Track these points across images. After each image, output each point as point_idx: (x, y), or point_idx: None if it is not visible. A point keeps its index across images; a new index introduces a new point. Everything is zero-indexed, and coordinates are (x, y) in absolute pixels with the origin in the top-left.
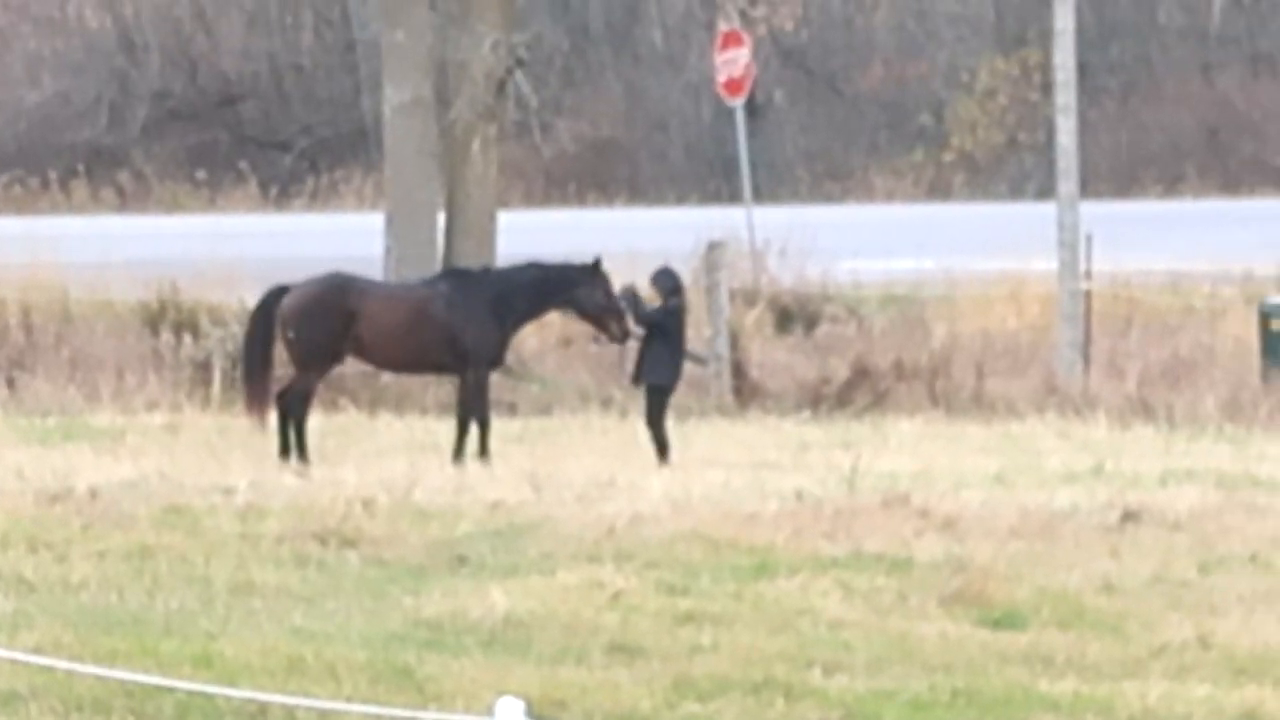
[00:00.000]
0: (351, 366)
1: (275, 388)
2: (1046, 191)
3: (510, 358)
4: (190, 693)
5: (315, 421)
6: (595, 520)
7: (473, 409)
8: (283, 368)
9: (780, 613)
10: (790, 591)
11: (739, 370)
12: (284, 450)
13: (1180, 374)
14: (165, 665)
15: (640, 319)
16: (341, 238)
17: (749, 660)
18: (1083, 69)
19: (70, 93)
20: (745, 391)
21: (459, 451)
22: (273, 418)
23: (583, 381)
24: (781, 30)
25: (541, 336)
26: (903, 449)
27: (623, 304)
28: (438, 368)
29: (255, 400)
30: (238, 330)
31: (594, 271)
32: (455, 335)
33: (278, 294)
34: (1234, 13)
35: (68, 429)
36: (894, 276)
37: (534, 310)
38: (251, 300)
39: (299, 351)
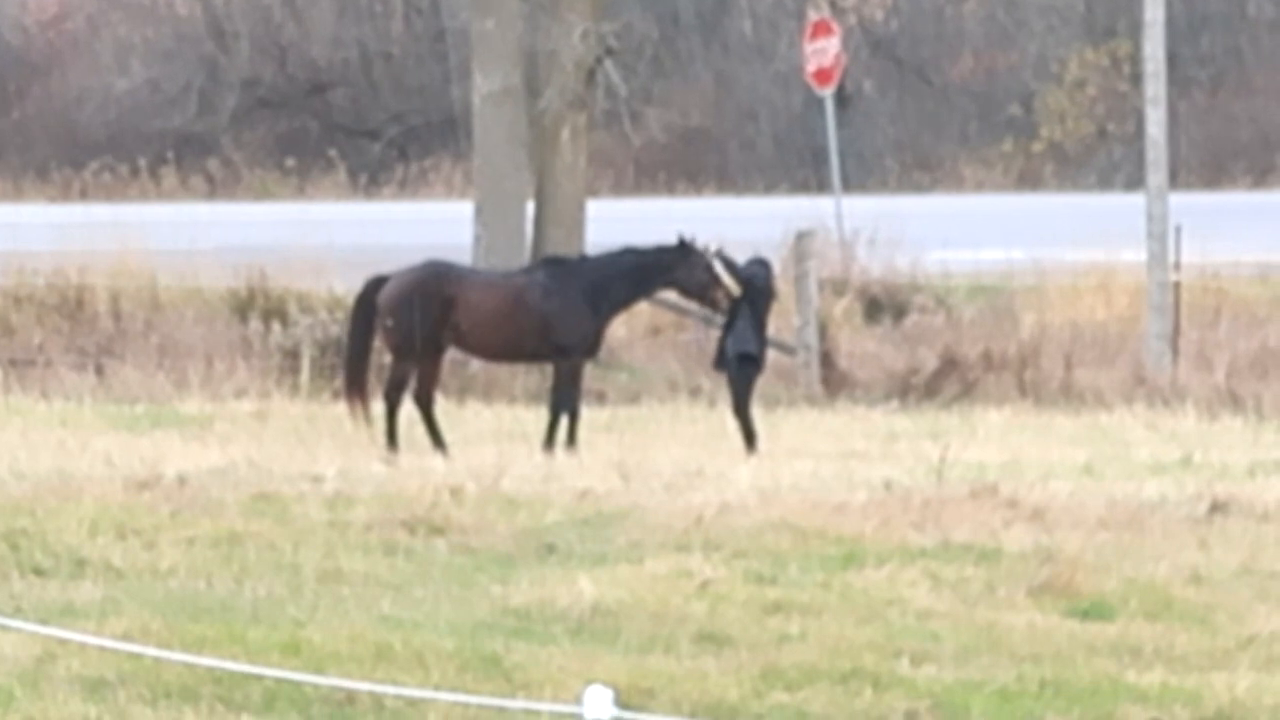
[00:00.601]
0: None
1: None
2: (1135, 183)
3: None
4: (278, 680)
5: (404, 410)
6: (683, 509)
7: (565, 398)
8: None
9: (868, 603)
10: (878, 581)
11: (827, 360)
12: (391, 440)
13: (1269, 365)
14: (253, 653)
15: (738, 277)
16: (430, 226)
17: (837, 650)
18: (1172, 60)
19: (160, 80)
20: (834, 381)
21: (550, 440)
22: (377, 408)
23: (671, 371)
24: (871, 20)
25: (630, 325)
26: (991, 439)
27: (718, 265)
28: (533, 357)
29: (356, 391)
30: (326, 318)
31: (687, 249)
32: (551, 324)
33: (377, 284)
34: None
35: (156, 416)
36: (983, 267)
37: (633, 296)
38: (340, 288)
39: (397, 340)
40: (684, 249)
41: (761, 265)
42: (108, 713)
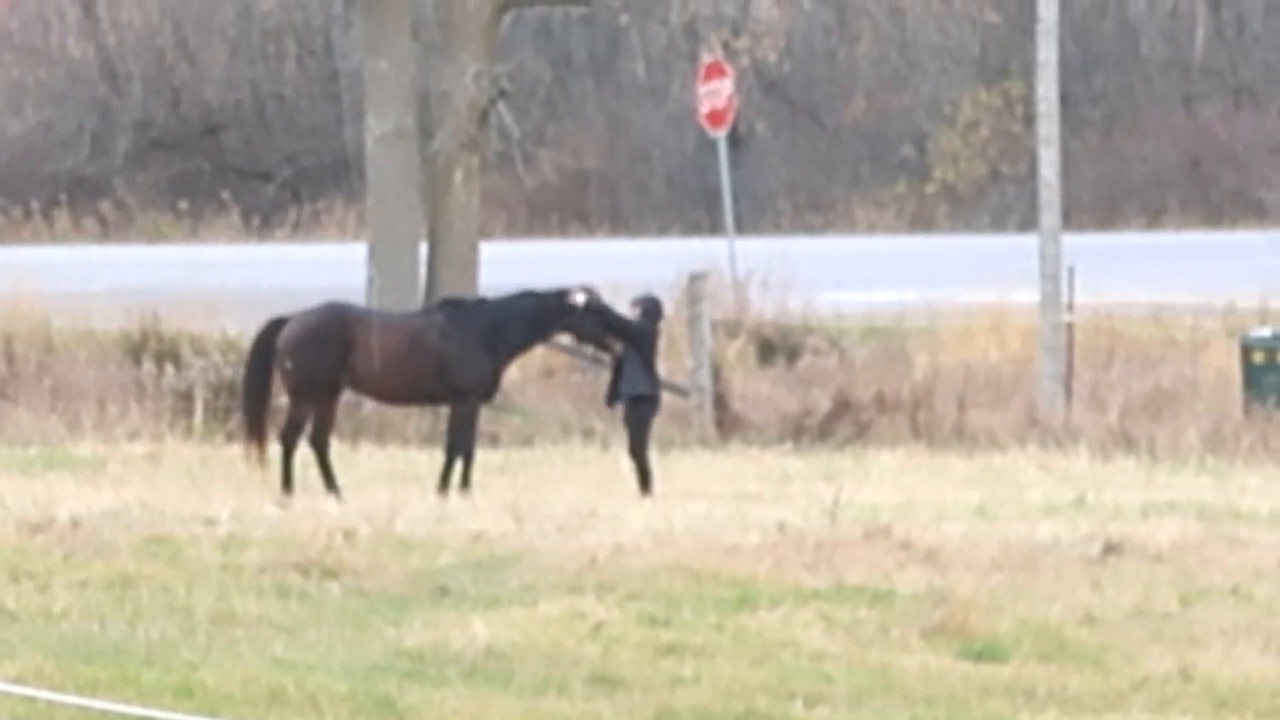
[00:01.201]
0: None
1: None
2: (1029, 223)
3: None
4: None
5: (298, 452)
6: (577, 551)
7: (460, 440)
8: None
9: (762, 644)
10: (772, 623)
11: (721, 402)
12: (287, 483)
13: (1162, 406)
14: (147, 695)
15: (619, 329)
16: (324, 268)
17: (731, 692)
18: (1065, 100)
19: (53, 122)
20: (727, 423)
21: (444, 482)
22: (273, 450)
23: (564, 412)
24: (764, 62)
25: (524, 368)
26: (884, 481)
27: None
28: (430, 398)
29: (254, 433)
30: (220, 360)
31: (590, 307)
32: (449, 366)
33: (276, 325)
34: (1216, 45)
35: (49, 458)
36: (876, 308)
37: (530, 339)
38: (233, 330)
39: (295, 382)
40: (586, 307)
41: (651, 302)
42: None
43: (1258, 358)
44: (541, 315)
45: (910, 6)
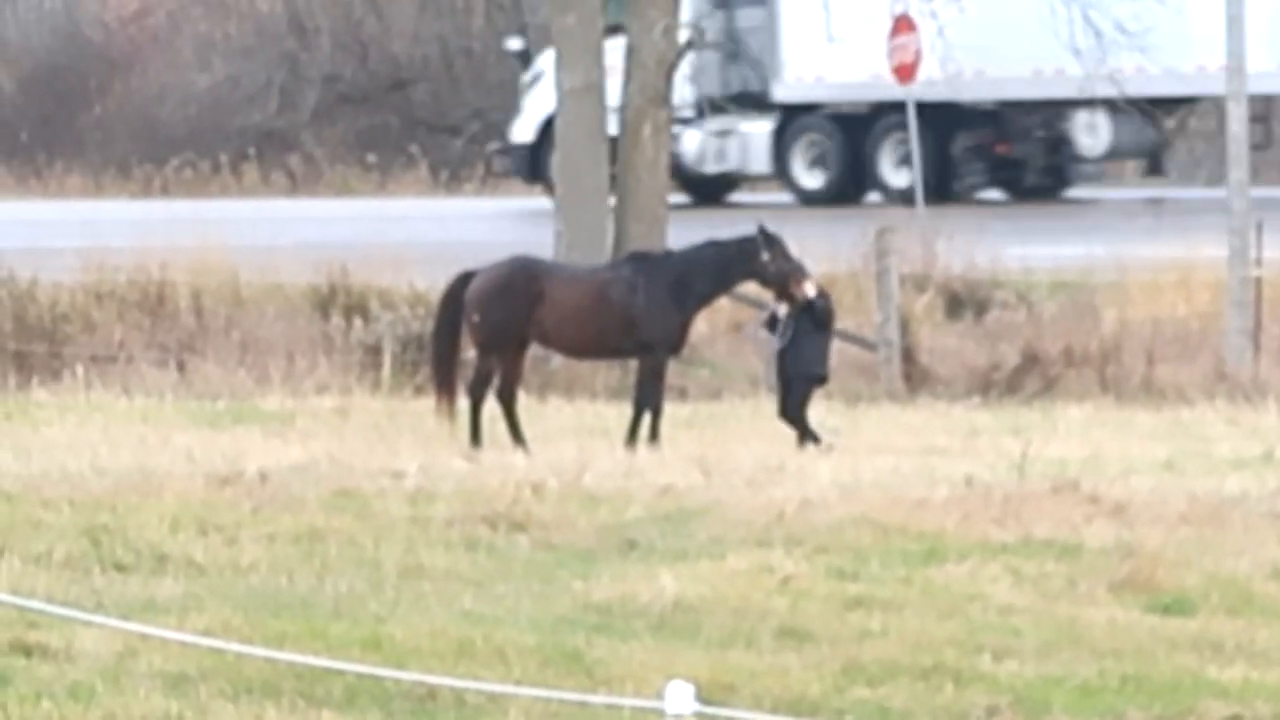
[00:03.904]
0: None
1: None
2: (1217, 178)
3: None
4: (359, 675)
5: (485, 406)
6: (764, 505)
7: (648, 394)
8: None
9: (949, 598)
10: (959, 577)
11: (909, 356)
12: (475, 437)
13: None
14: (334, 648)
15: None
16: (511, 222)
17: (918, 645)
18: None
19: (241, 76)
20: (915, 377)
21: (632, 436)
22: (461, 403)
23: (752, 366)
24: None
25: (712, 321)
26: (1072, 435)
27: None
28: (617, 352)
29: (442, 387)
30: (407, 314)
31: (768, 238)
32: (637, 320)
33: (464, 279)
34: None
35: (237, 412)
36: (1063, 263)
37: (717, 289)
38: (421, 284)
39: (483, 335)
40: (765, 238)
41: (822, 298)
42: (189, 708)
43: None
44: (726, 263)
45: None
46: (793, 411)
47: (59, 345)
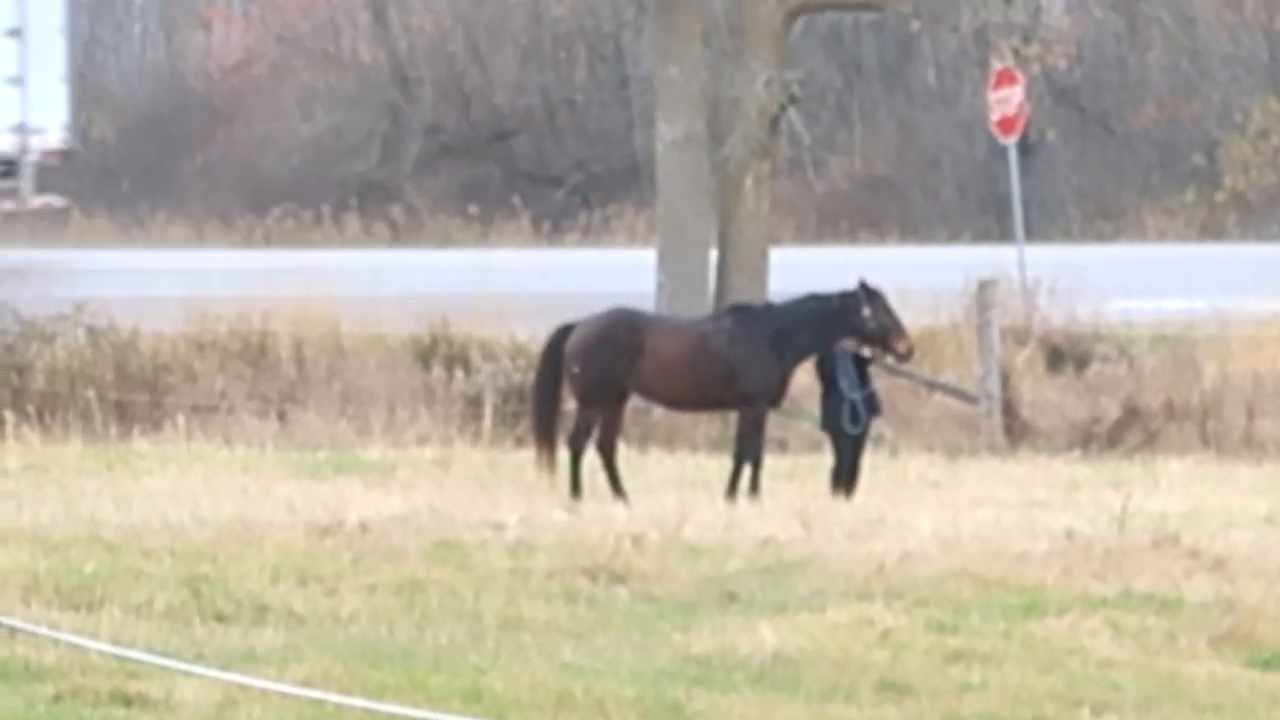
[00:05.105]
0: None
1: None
2: None
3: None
4: None
5: (586, 457)
6: (865, 558)
7: (748, 446)
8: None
9: (1049, 651)
10: (1060, 630)
11: (1010, 409)
12: (576, 488)
13: None
14: (434, 699)
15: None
16: (613, 273)
17: (1018, 699)
18: None
19: (343, 126)
20: (1016, 430)
21: (733, 488)
22: (561, 455)
23: None
24: (1055, 69)
25: (812, 374)
26: (1173, 489)
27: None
28: (717, 404)
29: (543, 439)
30: (509, 365)
31: (869, 293)
32: (736, 372)
33: (564, 331)
34: None
35: (338, 462)
36: (1165, 316)
37: (818, 343)
38: (522, 335)
39: (583, 386)
40: (866, 293)
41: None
42: None
43: None
44: (828, 318)
45: (1201, 15)
46: (849, 464)
47: (160, 395)
